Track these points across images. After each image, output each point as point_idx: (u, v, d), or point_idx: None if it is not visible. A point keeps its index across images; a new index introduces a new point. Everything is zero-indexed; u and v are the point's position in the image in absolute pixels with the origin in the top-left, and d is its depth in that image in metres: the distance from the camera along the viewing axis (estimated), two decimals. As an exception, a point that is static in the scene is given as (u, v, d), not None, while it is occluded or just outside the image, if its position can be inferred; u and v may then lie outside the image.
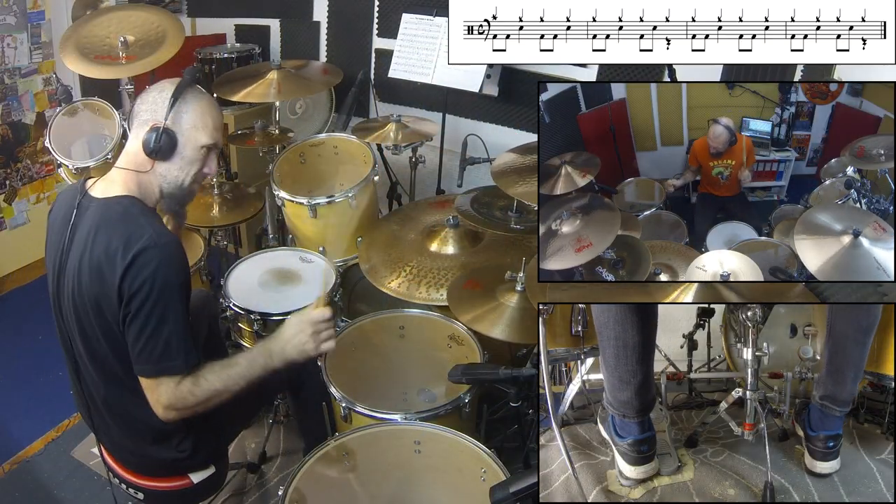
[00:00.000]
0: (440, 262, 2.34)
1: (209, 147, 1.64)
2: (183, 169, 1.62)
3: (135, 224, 1.51)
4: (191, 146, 1.61)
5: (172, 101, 1.57)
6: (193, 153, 1.62)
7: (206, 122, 1.62)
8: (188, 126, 1.60)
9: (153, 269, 1.46)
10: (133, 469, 1.73)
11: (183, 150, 1.60)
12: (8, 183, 3.53)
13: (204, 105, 1.62)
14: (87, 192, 1.60)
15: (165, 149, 1.57)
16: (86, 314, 1.52)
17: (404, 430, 1.73)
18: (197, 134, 1.61)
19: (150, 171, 1.60)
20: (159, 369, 1.50)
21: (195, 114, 1.60)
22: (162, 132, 1.56)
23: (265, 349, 1.65)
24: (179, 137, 1.59)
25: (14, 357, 3.07)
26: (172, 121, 1.58)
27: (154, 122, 1.57)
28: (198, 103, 1.61)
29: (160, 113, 1.57)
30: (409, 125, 2.77)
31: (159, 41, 2.74)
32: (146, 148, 1.57)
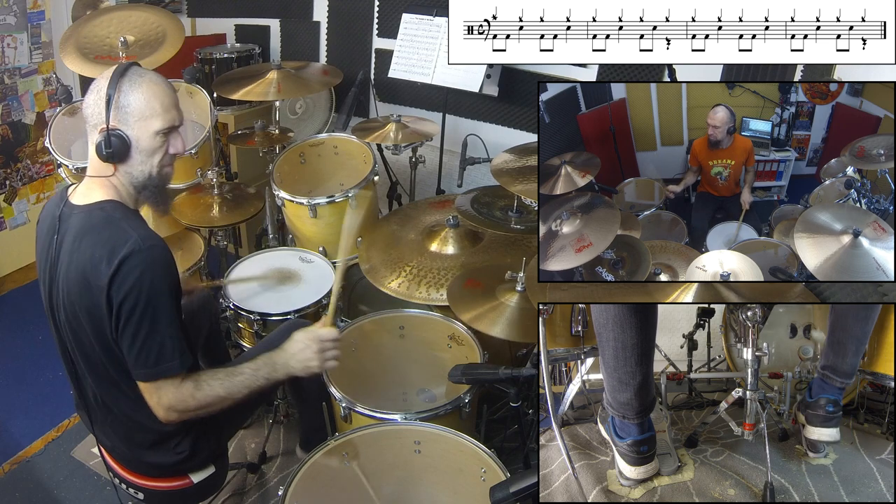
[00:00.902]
0: (440, 262, 2.34)
1: (166, 130, 1.54)
2: (145, 162, 1.54)
3: (117, 229, 1.48)
4: (145, 137, 1.51)
5: (108, 99, 1.47)
6: (150, 142, 1.52)
7: (153, 106, 1.51)
8: (135, 118, 1.50)
9: (139, 275, 1.44)
10: (133, 470, 1.73)
11: (138, 145, 1.52)
12: (8, 183, 3.53)
13: (146, 90, 1.50)
14: (68, 201, 1.57)
15: (119, 151, 1.49)
16: (78, 322, 1.51)
17: (404, 430, 1.73)
18: (147, 123, 1.50)
19: (116, 174, 1.54)
20: (156, 372, 1.50)
21: (139, 103, 1.49)
22: (109, 135, 1.47)
23: (270, 361, 1.65)
24: (129, 132, 1.50)
25: (14, 357, 3.07)
26: (116, 119, 1.48)
27: (101, 126, 1.49)
28: (139, 90, 1.50)
29: (101, 115, 1.48)
30: (409, 125, 2.77)
31: (159, 41, 2.74)
32: (99, 155, 1.49)
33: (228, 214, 2.73)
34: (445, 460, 1.70)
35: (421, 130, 2.77)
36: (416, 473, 1.74)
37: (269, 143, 2.85)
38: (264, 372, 1.63)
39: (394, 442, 1.72)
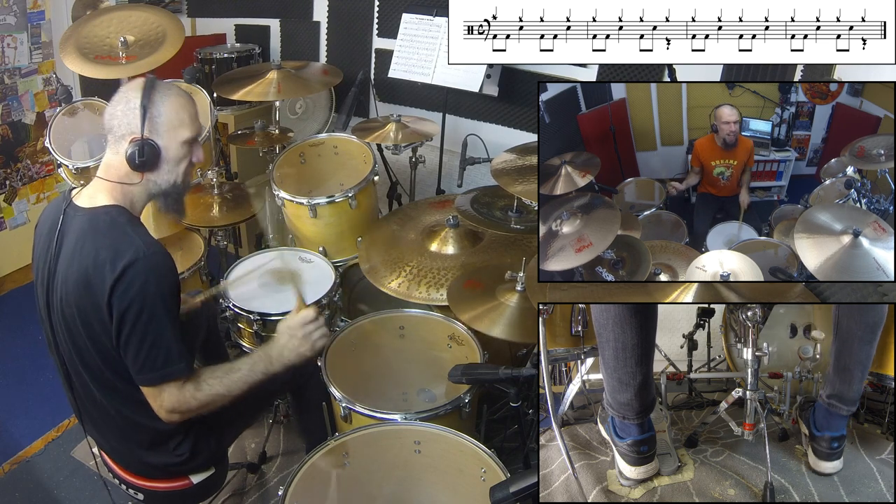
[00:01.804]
0: (440, 262, 2.34)
1: (193, 137, 1.61)
2: (172, 171, 1.60)
3: (122, 234, 1.50)
4: (174, 147, 1.57)
5: (143, 110, 1.52)
6: (178, 152, 1.59)
7: (181, 117, 1.57)
8: (166, 129, 1.55)
9: (143, 283, 1.46)
10: (132, 471, 1.73)
11: (167, 154, 1.57)
12: (8, 183, 3.53)
13: (175, 101, 1.57)
14: (71, 202, 1.58)
15: (151, 160, 1.54)
16: (74, 323, 1.52)
17: (404, 430, 1.73)
18: (176, 133, 1.57)
19: (141, 182, 1.57)
20: (162, 376, 1.51)
21: (169, 114, 1.55)
22: (143, 145, 1.52)
23: (265, 355, 1.67)
24: (160, 142, 1.55)
25: (14, 357, 3.07)
26: (149, 129, 1.53)
27: (132, 136, 1.53)
28: (169, 102, 1.56)
29: (134, 125, 1.52)
30: (409, 125, 2.77)
31: (159, 41, 2.74)
32: (132, 164, 1.53)
33: (228, 214, 2.73)
34: (445, 460, 1.70)
35: (421, 130, 2.77)
36: (416, 473, 1.74)
37: (269, 143, 2.85)
38: (261, 366, 1.65)
39: (394, 442, 1.72)
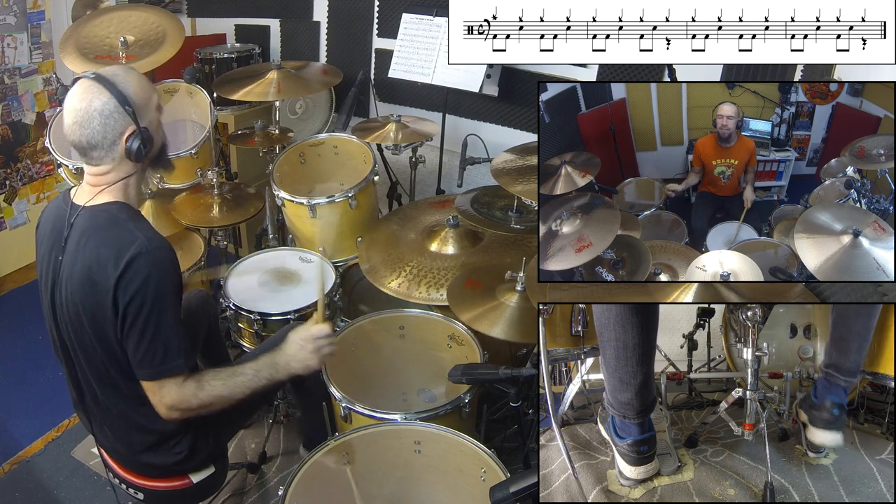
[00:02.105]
0: (440, 262, 2.34)
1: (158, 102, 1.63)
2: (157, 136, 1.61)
3: (123, 230, 1.50)
4: (154, 116, 1.59)
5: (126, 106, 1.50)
6: (157, 115, 1.61)
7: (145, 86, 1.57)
8: (143, 107, 1.55)
9: (146, 276, 1.46)
10: (132, 470, 1.73)
11: (152, 127, 1.58)
12: (8, 183, 3.53)
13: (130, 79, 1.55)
14: (72, 202, 1.58)
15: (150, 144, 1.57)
16: (80, 322, 1.52)
17: (404, 430, 1.73)
18: (150, 102, 1.58)
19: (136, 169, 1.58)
20: (161, 371, 1.51)
21: (139, 92, 1.54)
22: (141, 135, 1.53)
23: (272, 362, 1.67)
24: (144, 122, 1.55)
25: (14, 357, 3.07)
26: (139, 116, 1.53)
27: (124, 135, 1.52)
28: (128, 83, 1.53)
29: (122, 124, 1.51)
30: (409, 125, 2.77)
31: (159, 41, 2.74)
32: (137, 157, 1.54)
33: (228, 214, 2.73)
34: (445, 460, 1.70)
35: (421, 130, 2.76)
36: (416, 473, 1.74)
37: (269, 143, 2.85)
38: (266, 373, 1.64)
39: (394, 442, 1.72)
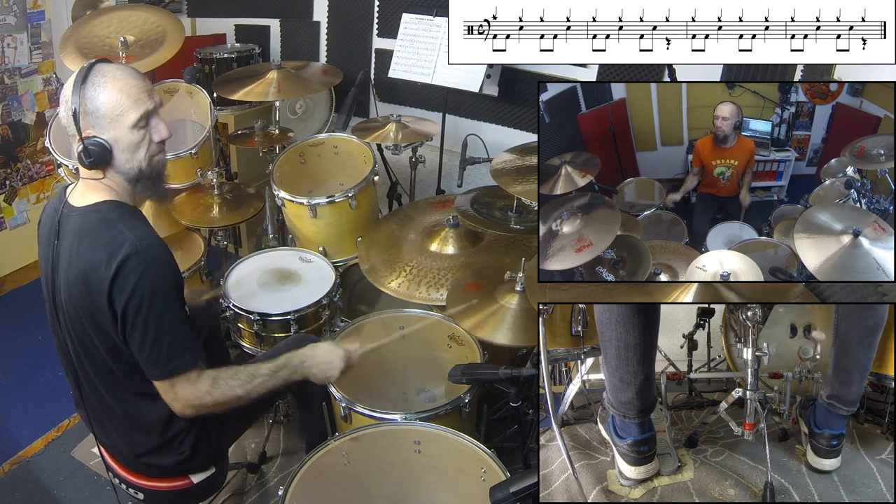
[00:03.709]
0: (440, 262, 2.34)
1: (143, 118, 1.49)
2: (131, 159, 1.51)
3: (114, 231, 1.47)
4: (124, 134, 1.47)
5: (74, 111, 1.43)
6: (130, 138, 1.48)
7: (121, 104, 1.46)
8: (108, 121, 1.46)
9: (139, 277, 1.43)
10: (133, 470, 1.73)
11: (118, 145, 1.48)
12: (8, 183, 3.53)
13: (111, 87, 1.45)
14: (66, 202, 1.56)
15: (100, 157, 1.47)
16: (80, 324, 1.51)
17: (404, 430, 1.73)
18: (120, 121, 1.46)
19: (107, 176, 1.52)
20: (170, 370, 1.51)
21: (107, 104, 1.45)
22: (86, 146, 1.45)
23: (291, 364, 1.70)
24: (105, 135, 1.47)
25: (14, 357, 3.07)
26: (90, 125, 1.46)
27: (77, 137, 1.46)
28: (104, 91, 1.45)
29: (72, 125, 1.45)
30: (409, 125, 2.77)
31: (159, 41, 2.74)
32: (83, 164, 1.48)
33: (228, 214, 2.73)
34: (445, 460, 1.70)
35: (421, 130, 2.76)
36: (416, 473, 1.74)
37: (269, 143, 2.85)
38: (284, 374, 1.66)
39: (394, 442, 1.72)
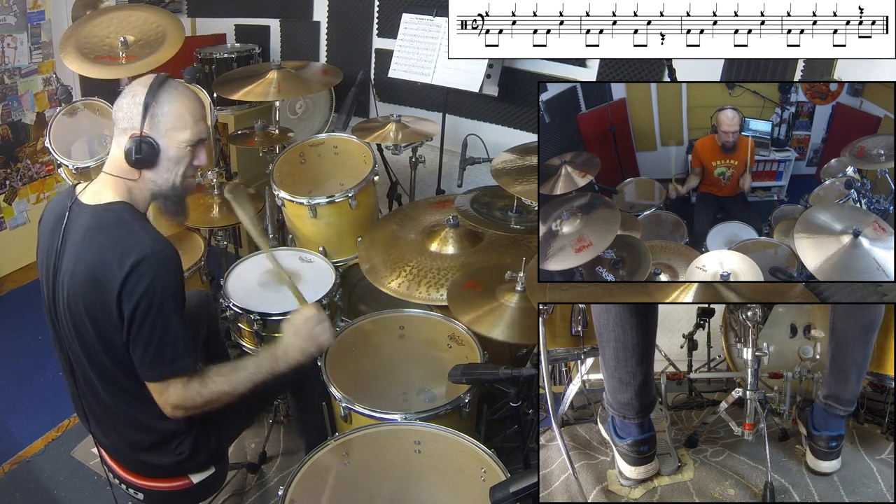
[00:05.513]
0: (440, 262, 2.34)
1: (194, 143, 1.58)
2: (171, 170, 1.58)
3: (129, 231, 1.49)
4: (174, 147, 1.55)
5: (145, 107, 1.51)
6: (178, 153, 1.57)
7: (184, 120, 1.55)
8: (167, 128, 1.53)
9: (151, 280, 1.45)
10: (133, 470, 1.73)
11: (167, 153, 1.55)
12: (8, 183, 3.53)
13: (180, 102, 1.55)
14: (76, 199, 1.57)
15: (148, 157, 1.53)
16: (82, 321, 1.51)
17: (404, 430, 1.73)
18: (177, 134, 1.55)
19: (139, 179, 1.56)
20: (169, 372, 1.51)
21: (172, 114, 1.54)
22: (140, 142, 1.51)
23: (271, 354, 1.67)
24: (160, 142, 1.53)
25: (14, 357, 3.07)
26: (149, 126, 1.52)
27: (132, 132, 1.52)
28: (174, 102, 1.54)
29: (136, 120, 1.51)
30: (409, 125, 2.77)
31: (159, 41, 2.74)
32: (128, 159, 1.52)
33: (228, 214, 2.73)
34: (445, 460, 1.70)
35: (421, 130, 2.76)
36: (416, 473, 1.74)
37: (269, 143, 2.85)
38: (267, 366, 1.65)
39: (394, 442, 1.72)
